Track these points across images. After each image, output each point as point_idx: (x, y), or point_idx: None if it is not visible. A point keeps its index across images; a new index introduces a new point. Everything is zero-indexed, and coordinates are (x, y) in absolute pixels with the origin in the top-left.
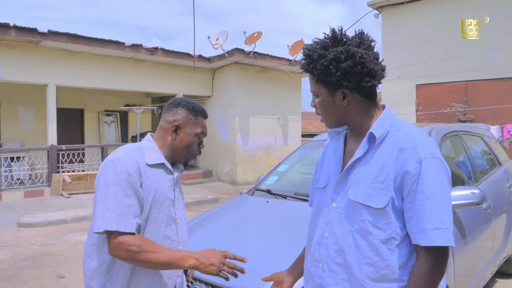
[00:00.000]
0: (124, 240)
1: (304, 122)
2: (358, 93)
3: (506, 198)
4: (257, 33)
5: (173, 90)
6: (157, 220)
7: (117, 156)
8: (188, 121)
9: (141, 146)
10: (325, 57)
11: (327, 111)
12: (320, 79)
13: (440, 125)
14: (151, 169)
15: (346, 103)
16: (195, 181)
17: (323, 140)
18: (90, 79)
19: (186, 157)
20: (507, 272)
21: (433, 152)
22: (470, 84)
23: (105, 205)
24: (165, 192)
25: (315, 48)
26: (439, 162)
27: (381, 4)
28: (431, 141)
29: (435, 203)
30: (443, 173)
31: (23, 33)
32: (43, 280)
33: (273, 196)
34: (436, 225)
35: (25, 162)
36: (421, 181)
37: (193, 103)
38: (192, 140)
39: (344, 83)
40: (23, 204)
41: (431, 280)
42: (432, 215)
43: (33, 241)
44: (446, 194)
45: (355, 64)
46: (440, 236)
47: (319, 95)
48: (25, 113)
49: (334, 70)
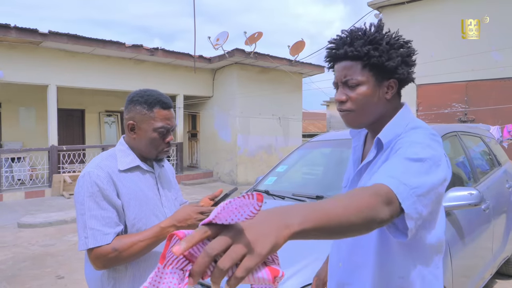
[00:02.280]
0: (99, 252)
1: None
2: (398, 87)
3: (505, 198)
4: (258, 34)
5: (173, 90)
6: (146, 224)
7: (87, 170)
8: (143, 117)
9: (114, 152)
10: (386, 39)
11: (368, 103)
12: (377, 63)
13: (438, 125)
14: (127, 174)
15: (390, 95)
16: (196, 181)
17: (322, 140)
18: (91, 80)
19: (153, 153)
20: (506, 273)
21: (423, 126)
22: (471, 84)
23: (82, 223)
24: (147, 193)
25: (367, 30)
26: (426, 130)
27: (381, 4)
28: (431, 131)
29: (400, 158)
30: (426, 135)
31: (24, 33)
32: (43, 280)
33: (271, 197)
34: (392, 174)
35: (26, 163)
36: (396, 145)
37: (146, 95)
38: (152, 136)
39: (401, 70)
40: (23, 204)
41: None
42: (391, 167)
43: (33, 241)
44: (420, 150)
45: (409, 53)
46: (391, 183)
47: (362, 84)
48: (26, 114)
49: (395, 55)
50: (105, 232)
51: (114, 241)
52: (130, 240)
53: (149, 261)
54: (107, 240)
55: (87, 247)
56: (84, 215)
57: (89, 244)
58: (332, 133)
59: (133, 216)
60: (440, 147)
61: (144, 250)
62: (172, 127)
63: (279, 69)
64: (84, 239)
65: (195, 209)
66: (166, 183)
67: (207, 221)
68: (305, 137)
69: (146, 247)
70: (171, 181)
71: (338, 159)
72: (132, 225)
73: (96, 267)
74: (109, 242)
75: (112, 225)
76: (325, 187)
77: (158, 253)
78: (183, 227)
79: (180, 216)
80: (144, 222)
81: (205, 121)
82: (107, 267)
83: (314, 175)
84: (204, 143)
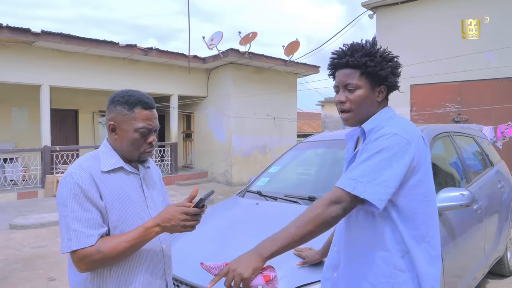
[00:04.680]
0: (83, 254)
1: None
2: (387, 93)
3: (498, 198)
4: (252, 34)
5: (168, 90)
6: (130, 226)
7: (69, 172)
8: (124, 117)
9: (97, 153)
10: (380, 52)
11: (363, 104)
12: (372, 72)
13: (431, 126)
14: (110, 175)
15: (380, 98)
16: (191, 181)
17: (315, 141)
18: (84, 80)
19: (135, 154)
20: (499, 273)
21: (395, 130)
22: (464, 85)
23: (65, 225)
24: (131, 195)
25: (364, 45)
26: (396, 136)
27: (376, 5)
28: (407, 128)
29: (364, 161)
30: (395, 142)
31: (16, 33)
32: (34, 282)
33: (263, 198)
34: (352, 176)
35: (19, 163)
36: (366, 147)
37: (127, 96)
38: (133, 137)
39: (390, 78)
40: (16, 205)
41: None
42: (354, 170)
43: (25, 243)
44: (384, 159)
45: (396, 65)
46: (350, 185)
47: (359, 88)
48: (18, 114)
49: (386, 66)
50: (89, 234)
51: (98, 243)
52: (114, 242)
53: (133, 263)
54: (91, 242)
55: (71, 249)
56: (67, 217)
57: (73, 246)
58: (325, 133)
59: (116, 218)
60: (396, 139)
61: (129, 251)
62: (154, 127)
63: (273, 69)
64: (68, 241)
65: (179, 210)
66: (151, 184)
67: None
68: (300, 137)
69: (131, 248)
70: (156, 182)
71: (332, 160)
72: (115, 227)
73: (79, 269)
74: (93, 244)
75: (96, 227)
76: (318, 188)
77: (143, 254)
78: (167, 227)
79: (164, 216)
80: (128, 224)
81: (199, 121)
82: (91, 269)
83: (307, 176)
84: (199, 143)
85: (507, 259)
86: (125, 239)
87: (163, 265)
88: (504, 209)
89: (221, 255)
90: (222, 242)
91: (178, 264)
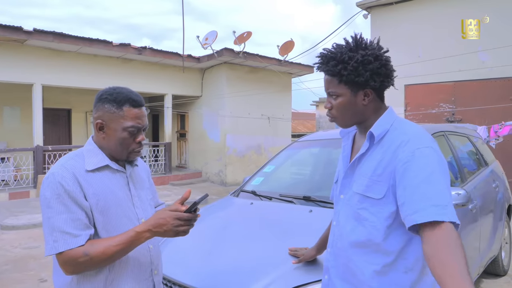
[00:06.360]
0: (70, 256)
1: (295, 122)
2: (376, 93)
3: (492, 198)
4: (247, 33)
5: (162, 90)
6: (116, 226)
7: (52, 172)
8: (112, 116)
9: (81, 152)
10: (354, 59)
11: (347, 110)
12: (348, 80)
13: (426, 125)
14: (95, 174)
15: (367, 101)
16: (185, 182)
17: (309, 140)
18: (78, 79)
19: (124, 154)
20: (493, 272)
21: (426, 143)
22: (458, 85)
23: (49, 227)
24: (117, 194)
25: (342, 50)
26: (432, 150)
27: (370, 5)
28: (426, 135)
29: (432, 184)
30: (436, 159)
31: (8, 31)
32: (25, 284)
33: (258, 197)
34: (434, 202)
35: (10, 163)
36: (413, 166)
37: (116, 93)
38: (121, 136)
39: (371, 83)
40: (7, 205)
41: (453, 253)
42: (429, 194)
43: (16, 244)
44: (443, 178)
45: (381, 65)
46: (439, 213)
47: (340, 96)
48: (10, 113)
49: (363, 71)
50: (75, 235)
51: (86, 246)
52: (102, 245)
53: (120, 265)
54: (78, 243)
55: (57, 251)
56: (51, 218)
57: (59, 247)
58: (320, 132)
59: (102, 218)
60: (434, 153)
61: (117, 255)
62: (143, 126)
63: (268, 69)
64: (53, 243)
65: (172, 215)
66: (138, 183)
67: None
68: (295, 137)
69: (120, 252)
70: (144, 180)
71: (326, 159)
72: (101, 227)
73: (66, 272)
74: (81, 244)
75: (82, 227)
76: (313, 187)
77: (129, 255)
78: (159, 233)
79: (156, 221)
80: (114, 224)
81: (194, 121)
82: (77, 272)
83: (302, 175)
84: (193, 143)
85: (501, 259)
86: (114, 243)
87: (150, 266)
88: (498, 208)
89: (215, 256)
90: (216, 242)
91: (171, 265)
